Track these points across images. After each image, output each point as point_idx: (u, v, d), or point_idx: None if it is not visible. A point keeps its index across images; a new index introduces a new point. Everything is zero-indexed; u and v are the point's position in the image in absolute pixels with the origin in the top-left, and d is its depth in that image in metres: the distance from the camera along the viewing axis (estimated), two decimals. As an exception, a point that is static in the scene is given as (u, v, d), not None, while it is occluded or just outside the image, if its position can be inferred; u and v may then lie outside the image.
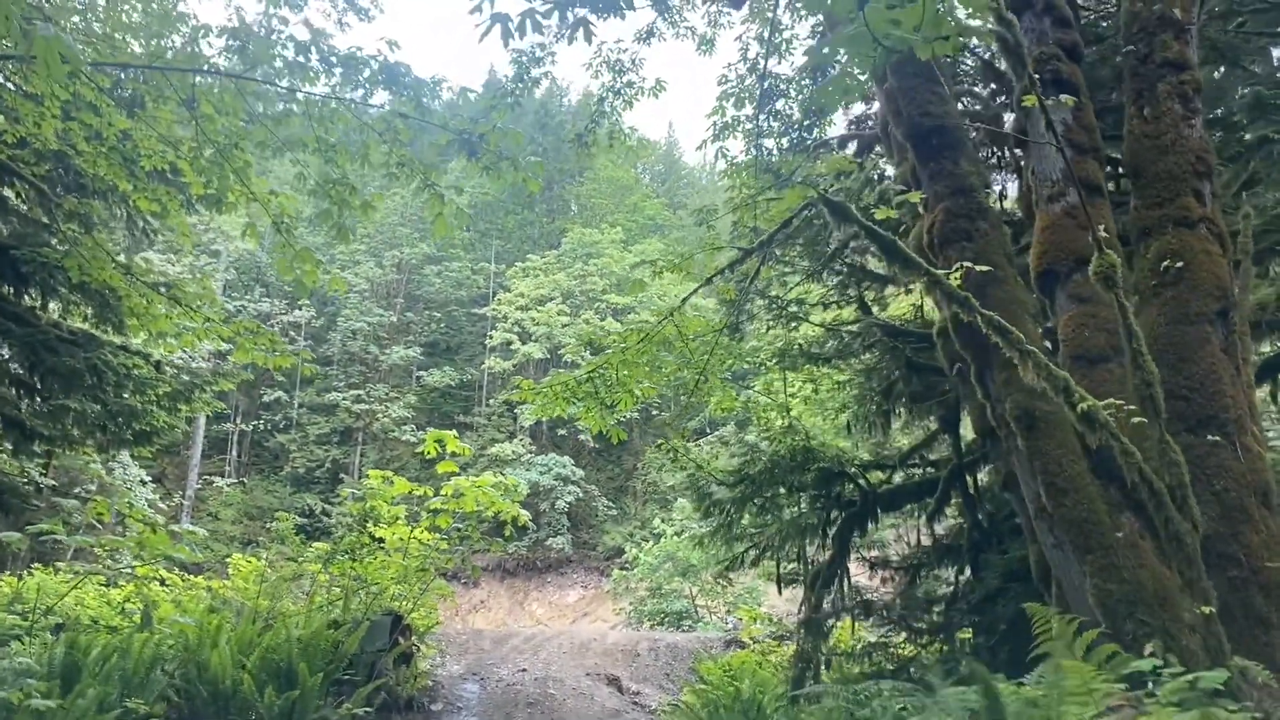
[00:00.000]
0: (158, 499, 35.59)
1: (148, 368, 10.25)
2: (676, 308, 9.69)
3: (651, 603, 25.96)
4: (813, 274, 9.87)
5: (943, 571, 9.81)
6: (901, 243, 4.40)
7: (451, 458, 12.07)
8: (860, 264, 9.64)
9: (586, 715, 10.30)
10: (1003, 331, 4.18)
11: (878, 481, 9.81)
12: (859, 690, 5.91)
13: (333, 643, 8.48)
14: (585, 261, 50.39)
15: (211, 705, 7.84)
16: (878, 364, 9.20)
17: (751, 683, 10.08)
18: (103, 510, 8.77)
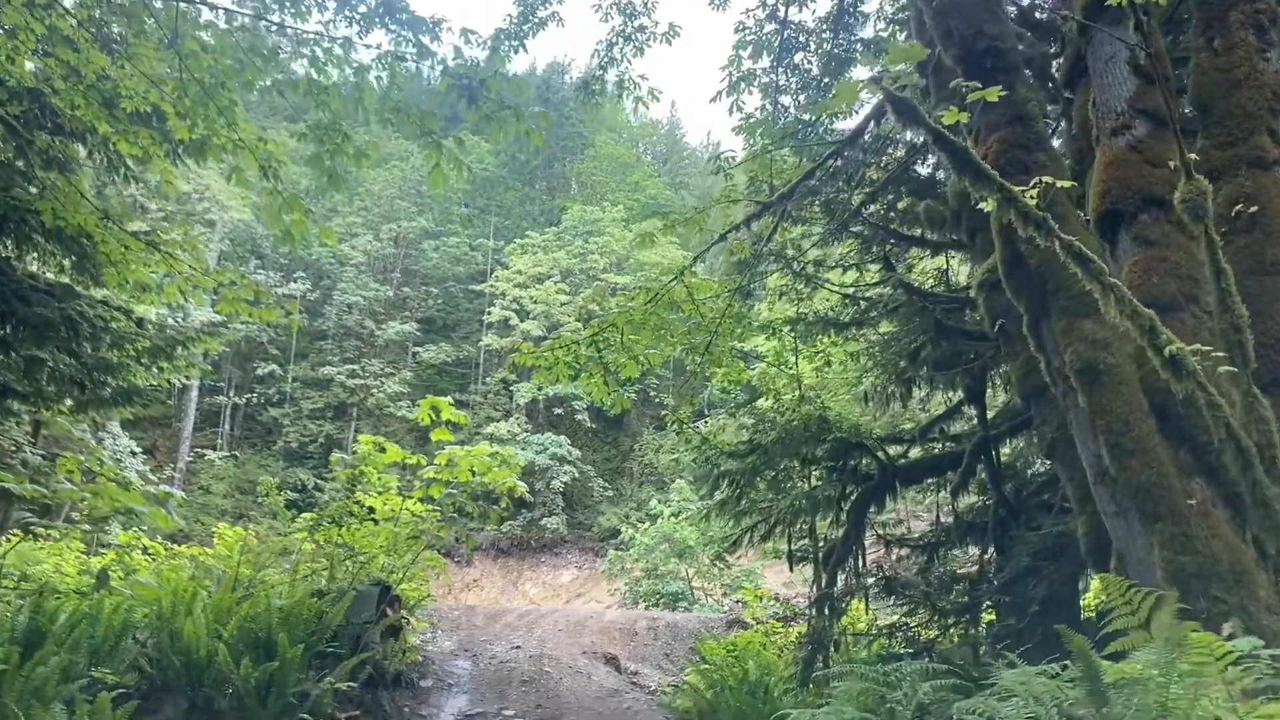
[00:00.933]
0: (148, 471, 35.16)
1: (126, 322, 9.68)
2: (688, 266, 9.15)
3: (647, 584, 25.53)
4: (833, 233, 9.32)
5: (963, 551, 9.32)
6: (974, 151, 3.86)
7: (447, 426, 11.52)
8: (885, 223, 9.09)
9: (584, 695, 9.80)
10: (1083, 260, 3.64)
11: (896, 455, 9.29)
12: (888, 671, 5.39)
13: (316, 613, 7.94)
14: (586, 239, 49.75)
15: (185, 676, 7.31)
16: (904, 327, 8.66)
17: (757, 664, 9.59)
18: (72, 467, 8.22)
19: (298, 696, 7.34)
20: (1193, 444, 4.55)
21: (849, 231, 9.82)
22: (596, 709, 9.35)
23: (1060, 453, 5.78)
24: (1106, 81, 5.21)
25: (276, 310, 8.93)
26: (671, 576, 25.24)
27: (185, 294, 11.37)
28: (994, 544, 8.49)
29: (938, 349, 8.09)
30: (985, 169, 3.62)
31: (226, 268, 8.93)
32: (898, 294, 9.12)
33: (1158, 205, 4.94)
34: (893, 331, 9.27)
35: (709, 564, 25.29)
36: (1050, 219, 3.61)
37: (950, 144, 3.56)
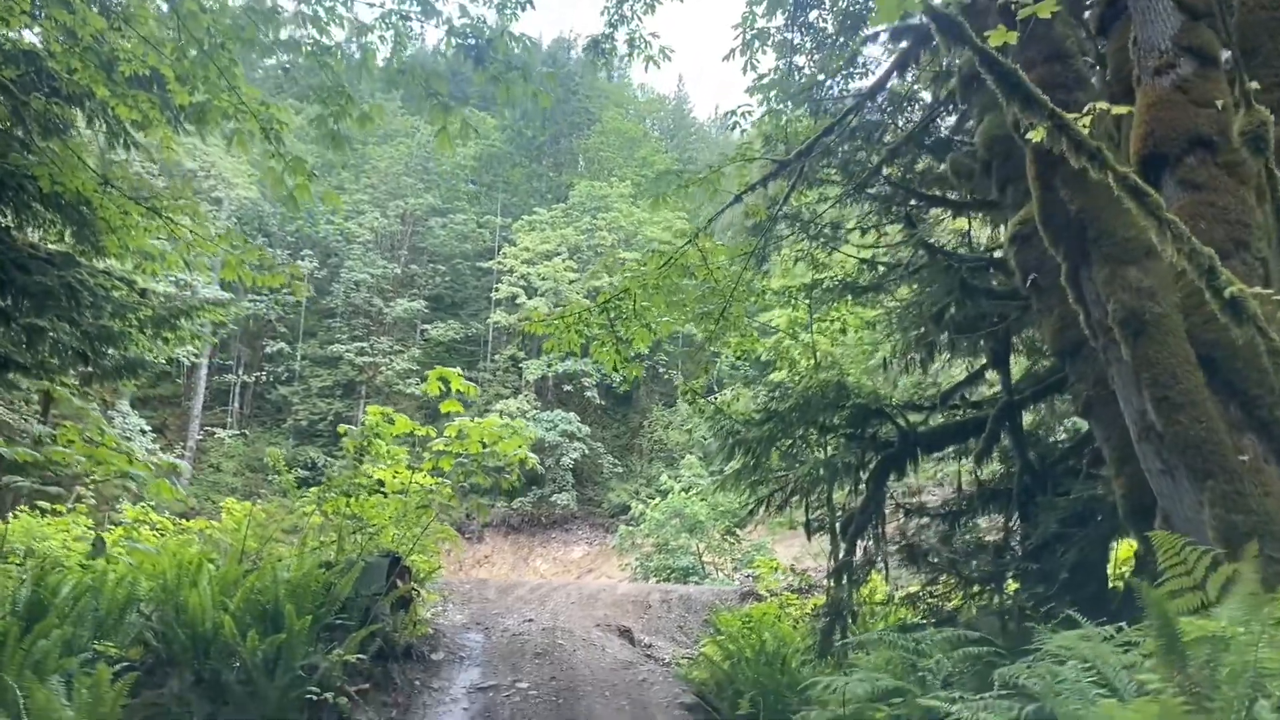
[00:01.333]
0: (158, 449, 35.12)
1: (128, 291, 9.48)
2: (703, 228, 8.88)
3: (658, 559, 25.42)
4: (851, 194, 9.04)
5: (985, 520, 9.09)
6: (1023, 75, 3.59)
7: (456, 397, 11.32)
8: (906, 181, 8.80)
9: (598, 666, 9.63)
10: (1139, 194, 3.39)
11: (916, 422, 9.05)
12: (918, 639, 5.18)
13: (324, 585, 7.77)
14: (593, 216, 49.37)
15: (190, 649, 7.15)
16: (927, 289, 8.39)
17: (773, 635, 9.41)
18: (73, 437, 8.04)
19: (306, 669, 7.17)
20: (1243, 398, 4.31)
21: (866, 194, 9.55)
22: (611, 681, 9.20)
23: (1097, 411, 5.54)
24: (1148, 18, 4.92)
25: (282, 274, 8.70)
26: (682, 551, 25.12)
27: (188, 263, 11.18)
28: (1018, 511, 8.26)
29: (963, 310, 7.83)
30: (1036, 93, 3.37)
31: (230, 232, 8.69)
32: (919, 256, 8.85)
33: (1204, 147, 4.67)
34: (914, 295, 9.01)
35: (720, 539, 25.19)
36: (1104, 148, 3.34)
37: (999, 65, 3.31)
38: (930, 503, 9.56)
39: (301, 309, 47.55)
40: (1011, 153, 6.22)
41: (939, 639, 5.11)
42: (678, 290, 9.27)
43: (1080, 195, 4.66)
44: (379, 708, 7.72)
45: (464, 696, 8.39)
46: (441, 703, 8.20)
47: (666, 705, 8.70)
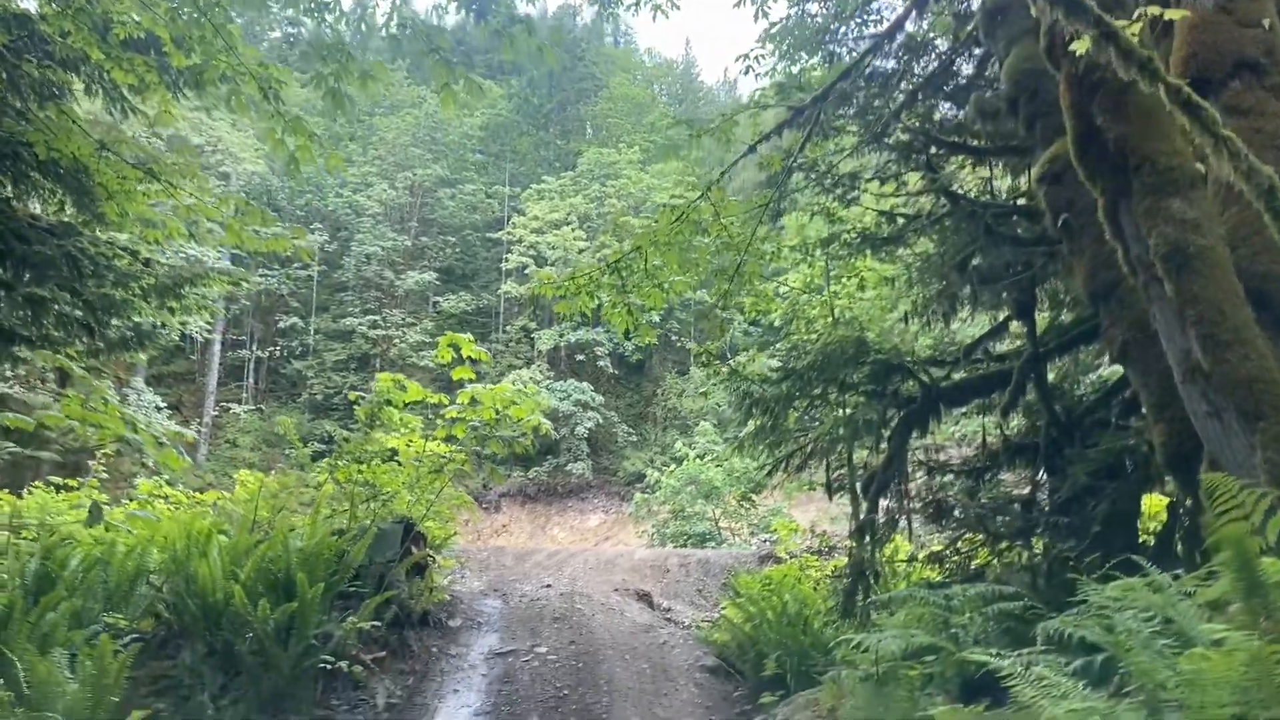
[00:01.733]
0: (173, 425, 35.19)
1: (130, 260, 9.30)
2: (715, 181, 8.62)
3: (674, 525, 25.35)
4: (869, 143, 8.74)
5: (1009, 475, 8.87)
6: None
7: (468, 364, 11.14)
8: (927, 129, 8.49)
9: (617, 630, 9.50)
10: (1193, 108, 3.14)
11: (939, 377, 8.81)
12: (949, 595, 4.98)
13: (337, 552, 7.64)
14: (602, 183, 48.95)
15: (202, 620, 7.04)
16: (950, 238, 8.11)
17: (794, 597, 9.26)
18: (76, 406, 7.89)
19: (320, 638, 7.05)
20: (1294, 335, 4.07)
21: (884, 144, 9.26)
22: (631, 644, 9.06)
23: (1134, 355, 5.29)
24: (1191, -67, 4.62)
25: (285, 239, 8.50)
26: (699, 517, 25.04)
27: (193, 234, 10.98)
28: (1045, 465, 8.04)
29: (987, 258, 7.55)
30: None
31: (231, 196, 8.48)
32: (940, 205, 8.56)
33: (1251, 70, 4.40)
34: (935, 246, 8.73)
35: (736, 504, 25.08)
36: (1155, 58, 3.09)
37: (1040, -34, 3.05)
38: (953, 460, 9.34)
39: (313, 283, 47.47)
40: (1039, 89, 5.94)
41: (971, 595, 4.91)
42: (690, 248, 9.03)
43: (1119, 122, 4.38)
44: (396, 675, 7.61)
45: (482, 662, 8.28)
46: (460, 669, 8.09)
47: (688, 668, 8.57)
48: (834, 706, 5.40)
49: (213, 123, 41.50)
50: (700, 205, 8.51)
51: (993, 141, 8.52)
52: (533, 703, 7.37)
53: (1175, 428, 4.81)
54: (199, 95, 10.35)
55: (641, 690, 7.81)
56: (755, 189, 8.94)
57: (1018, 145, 8.62)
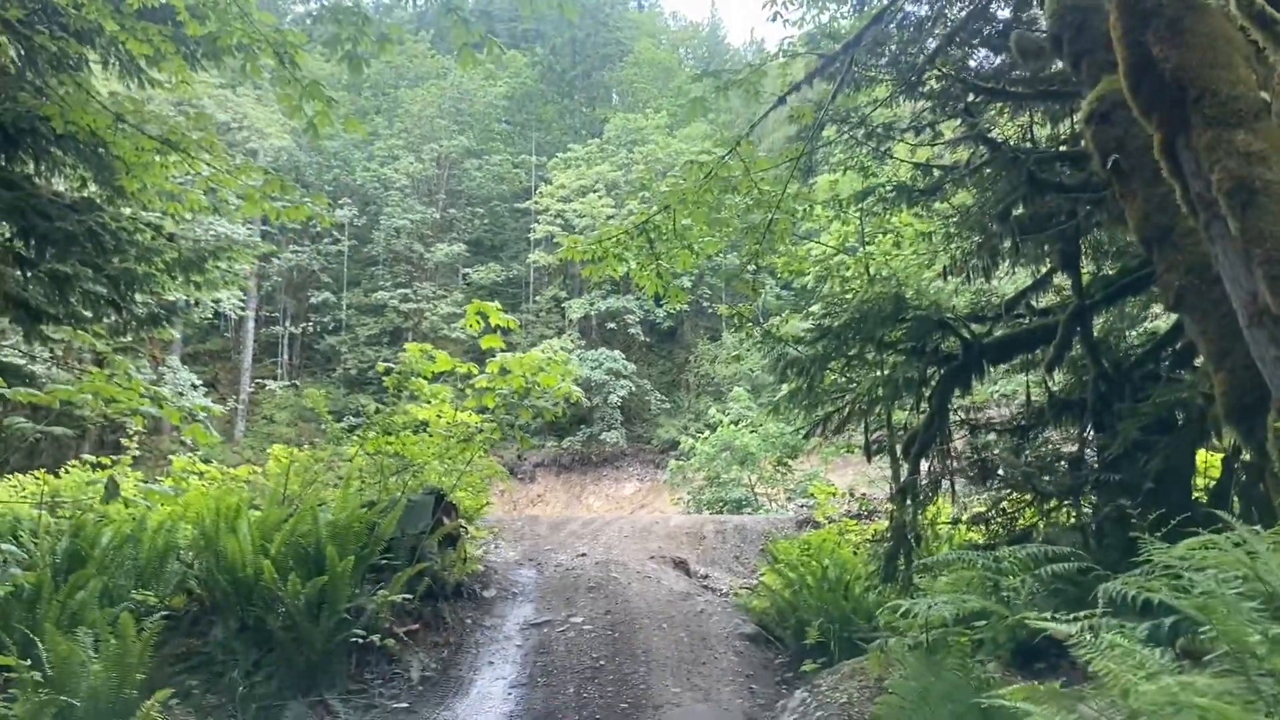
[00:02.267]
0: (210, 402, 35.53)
1: (152, 234, 9.20)
2: (744, 135, 8.33)
3: (710, 491, 25.19)
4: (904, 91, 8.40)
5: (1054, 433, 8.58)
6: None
7: (498, 332, 10.97)
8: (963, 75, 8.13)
9: (654, 599, 9.36)
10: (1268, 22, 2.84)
11: (980, 333, 8.51)
12: (999, 557, 4.75)
13: (367, 525, 7.52)
14: (629, 149, 48.47)
15: (233, 596, 6.96)
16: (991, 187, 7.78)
17: (833, 561, 9.07)
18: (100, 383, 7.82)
19: (351, 612, 6.96)
20: (1371, 272, 3.76)
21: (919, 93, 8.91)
22: (668, 613, 8.91)
23: (1191, 301, 4.97)
24: None
25: (306, 206, 8.34)
26: (734, 484, 24.86)
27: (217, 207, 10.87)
28: (1093, 421, 7.74)
29: (1030, 206, 7.22)
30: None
31: (249, 164, 8.33)
32: (979, 154, 8.22)
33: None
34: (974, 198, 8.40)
35: (771, 469, 24.88)
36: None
37: None
38: (995, 419, 9.06)
39: (344, 258, 47.64)
40: (1085, 23, 5.60)
41: (1022, 556, 4.67)
42: (720, 206, 8.77)
43: (1177, 50, 4.07)
44: (429, 648, 7.52)
45: (517, 633, 8.17)
46: (494, 640, 7.98)
47: (726, 636, 8.41)
48: (881, 676, 5.20)
49: (238, 99, 41.54)
50: (729, 162, 8.24)
51: (1032, 87, 8.16)
52: (569, 674, 7.25)
53: (1238, 376, 4.51)
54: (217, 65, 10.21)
55: (680, 659, 7.66)
56: (786, 143, 8.64)
57: (1058, 90, 8.27)
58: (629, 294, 44.21)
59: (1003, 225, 7.43)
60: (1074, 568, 4.43)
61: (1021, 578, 4.51)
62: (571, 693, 6.89)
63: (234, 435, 41.20)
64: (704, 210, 8.45)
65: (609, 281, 43.74)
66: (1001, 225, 7.44)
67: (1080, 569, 4.39)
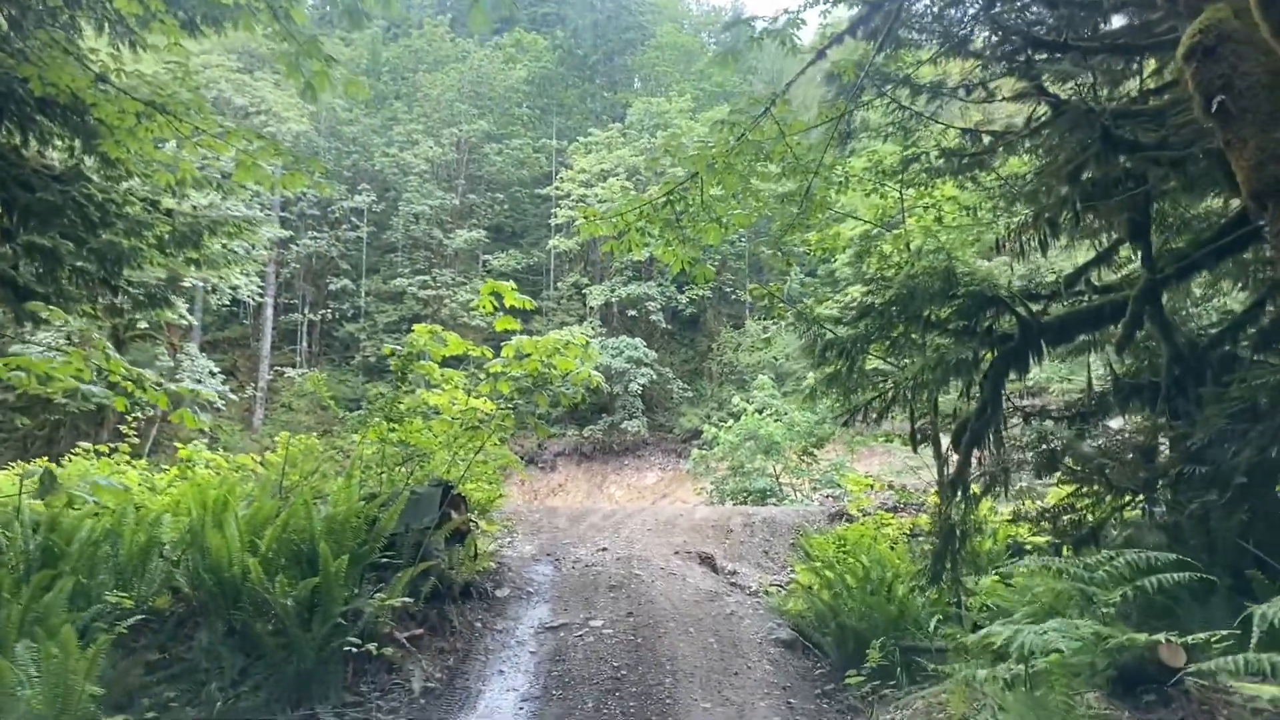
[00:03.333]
0: (228, 390, 35.22)
1: (141, 207, 8.58)
2: (779, 94, 7.60)
3: (734, 481, 24.53)
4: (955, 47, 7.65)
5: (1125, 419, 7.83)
6: None
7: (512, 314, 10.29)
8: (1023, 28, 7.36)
9: (679, 599, 8.67)
10: None
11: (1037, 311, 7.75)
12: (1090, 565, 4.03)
13: (367, 519, 6.88)
14: (652, 134, 47.62)
15: (219, 597, 6.35)
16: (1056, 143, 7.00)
17: (870, 558, 8.37)
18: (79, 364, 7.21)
19: (348, 615, 6.32)
20: None
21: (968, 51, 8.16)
22: (695, 615, 8.23)
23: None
24: None
25: (303, 173, 7.69)
26: (758, 473, 24.18)
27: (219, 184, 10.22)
28: (1167, 408, 6.98)
29: (1103, 168, 6.46)
30: None
31: (241, 128, 7.69)
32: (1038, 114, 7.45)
33: None
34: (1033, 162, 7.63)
35: (797, 459, 24.21)
36: None
37: None
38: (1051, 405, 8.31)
39: (363, 244, 47.21)
40: (1180, -53, 4.87)
41: (1121, 564, 3.95)
42: (752, 172, 8.05)
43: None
44: (434, 655, 6.87)
45: (531, 638, 7.50)
46: (506, 645, 7.32)
47: (760, 642, 7.71)
48: (966, 716, 4.46)
49: (255, 83, 41.09)
50: (762, 124, 7.52)
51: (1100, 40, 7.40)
52: (587, 685, 6.57)
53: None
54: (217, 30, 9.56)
55: (709, 669, 6.97)
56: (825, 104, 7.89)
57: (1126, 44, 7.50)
58: (651, 280, 43.53)
59: (1072, 187, 6.66)
60: (1185, 579, 3.71)
61: (1121, 590, 3.81)
62: (590, 707, 6.22)
63: (253, 423, 40.91)
64: (735, 178, 7.74)
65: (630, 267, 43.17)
66: (1071, 187, 6.66)
67: (1195, 580, 3.67)
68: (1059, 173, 6.76)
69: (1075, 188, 6.62)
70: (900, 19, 7.78)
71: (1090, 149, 6.41)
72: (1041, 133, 7.35)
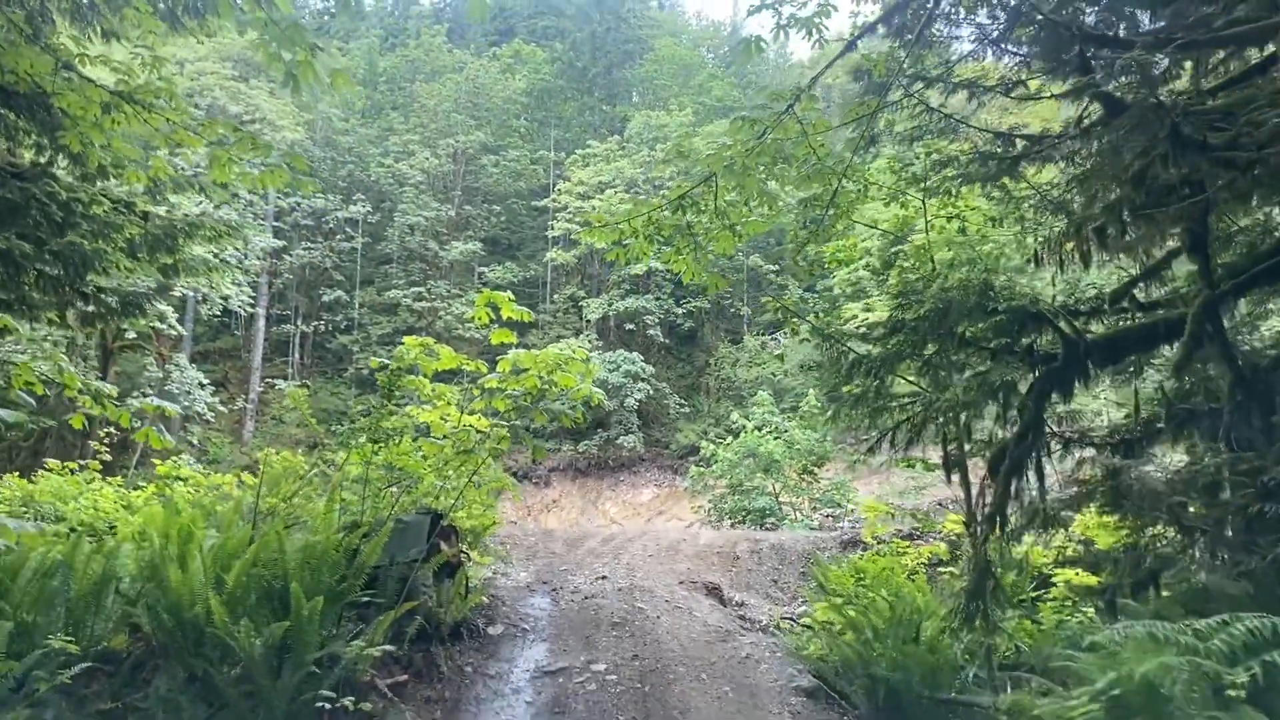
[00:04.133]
0: (218, 402, 34.52)
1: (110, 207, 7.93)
2: (804, 89, 6.99)
3: (732, 500, 23.90)
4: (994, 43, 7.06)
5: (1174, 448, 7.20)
6: None
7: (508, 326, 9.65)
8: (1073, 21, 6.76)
9: (688, 638, 7.99)
10: None
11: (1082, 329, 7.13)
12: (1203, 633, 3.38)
13: (347, 552, 6.20)
14: (651, 147, 47.08)
15: (180, 639, 5.66)
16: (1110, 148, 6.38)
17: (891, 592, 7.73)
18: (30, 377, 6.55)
19: (323, 662, 5.64)
20: None
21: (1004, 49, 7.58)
22: (707, 658, 7.55)
23: None
24: None
25: (283, 170, 7.04)
26: (757, 492, 23.55)
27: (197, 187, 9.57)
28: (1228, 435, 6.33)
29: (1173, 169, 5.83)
30: None
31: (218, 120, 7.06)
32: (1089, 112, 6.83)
33: None
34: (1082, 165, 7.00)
35: (796, 478, 23.60)
36: None
37: None
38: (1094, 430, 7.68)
39: (357, 255, 46.59)
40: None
41: (1239, 631, 3.30)
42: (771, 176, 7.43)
43: None
44: (420, 705, 6.17)
45: (527, 684, 6.81)
46: (500, 694, 6.64)
47: (779, 690, 7.03)
48: None
49: (250, 91, 40.53)
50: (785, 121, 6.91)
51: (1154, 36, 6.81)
52: (590, 741, 5.91)
53: None
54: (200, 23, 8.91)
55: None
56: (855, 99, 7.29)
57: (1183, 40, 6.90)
58: (648, 294, 42.94)
59: (1135, 190, 6.03)
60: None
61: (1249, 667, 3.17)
62: (594, 769, 5.56)
63: (243, 436, 40.14)
64: (753, 180, 7.12)
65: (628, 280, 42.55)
66: (1135, 190, 6.03)
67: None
68: (1118, 177, 6.13)
69: (1139, 190, 5.99)
70: (935, 15, 7.21)
71: (1156, 149, 5.78)
72: (1092, 133, 6.72)
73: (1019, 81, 7.39)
